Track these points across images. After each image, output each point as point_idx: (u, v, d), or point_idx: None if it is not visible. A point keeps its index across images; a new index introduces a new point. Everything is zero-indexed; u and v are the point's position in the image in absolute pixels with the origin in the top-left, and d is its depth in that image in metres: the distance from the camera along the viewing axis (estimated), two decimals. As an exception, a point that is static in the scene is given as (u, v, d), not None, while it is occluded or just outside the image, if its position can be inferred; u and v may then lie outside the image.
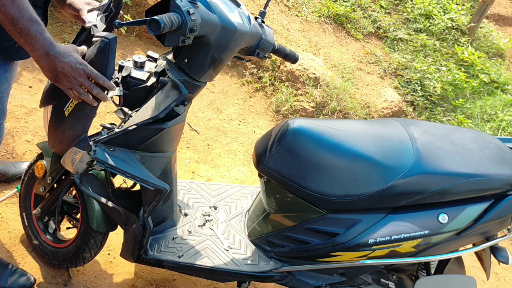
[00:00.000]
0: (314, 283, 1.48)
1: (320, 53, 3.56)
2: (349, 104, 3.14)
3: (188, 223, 1.63)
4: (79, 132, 1.24)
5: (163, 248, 1.51)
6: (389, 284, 1.54)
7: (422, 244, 1.32)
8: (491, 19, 5.05)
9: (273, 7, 3.71)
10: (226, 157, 2.61)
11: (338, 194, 1.30)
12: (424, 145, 1.32)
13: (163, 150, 1.34)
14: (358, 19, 4.03)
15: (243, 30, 1.21)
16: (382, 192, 1.27)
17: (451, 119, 3.46)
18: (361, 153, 1.31)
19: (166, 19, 0.95)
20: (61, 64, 1.05)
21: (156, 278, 1.80)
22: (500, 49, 4.38)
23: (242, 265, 1.49)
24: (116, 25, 1.01)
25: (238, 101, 3.07)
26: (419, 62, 3.81)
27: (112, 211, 1.39)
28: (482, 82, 3.83)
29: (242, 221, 1.68)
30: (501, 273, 2.44)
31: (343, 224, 1.34)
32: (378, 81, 3.59)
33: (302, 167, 1.32)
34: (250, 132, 2.88)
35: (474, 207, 1.32)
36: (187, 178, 2.38)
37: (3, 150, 2.09)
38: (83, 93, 1.12)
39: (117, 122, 1.43)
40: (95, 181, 1.40)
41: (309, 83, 3.14)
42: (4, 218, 1.83)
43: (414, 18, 4.31)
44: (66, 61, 1.05)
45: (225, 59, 1.24)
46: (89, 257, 1.58)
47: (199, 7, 1.07)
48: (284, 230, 1.45)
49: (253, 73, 3.26)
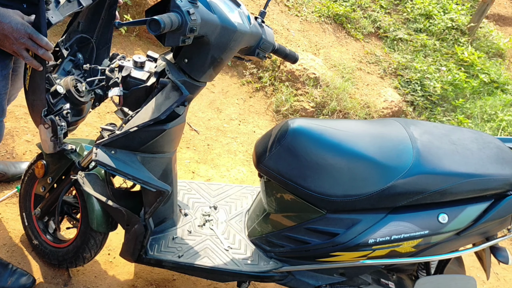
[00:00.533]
0: (314, 283, 1.48)
1: (320, 53, 3.55)
2: (349, 104, 3.14)
3: (188, 223, 1.63)
4: (39, 106, 1.25)
5: (163, 248, 1.51)
6: (389, 284, 1.54)
7: (422, 244, 1.32)
8: (491, 19, 5.06)
9: (273, 7, 3.71)
10: (226, 157, 2.61)
11: (338, 194, 1.30)
12: (424, 145, 1.32)
13: (163, 151, 1.34)
14: (358, 19, 4.03)
15: (243, 30, 1.21)
16: (382, 192, 1.27)
17: (451, 119, 3.46)
18: (361, 153, 1.31)
19: (166, 19, 0.95)
20: (0, 25, 1.02)
21: (156, 278, 1.80)
22: (500, 49, 4.38)
23: (242, 265, 1.49)
24: (116, 25, 1.01)
25: (238, 101, 3.07)
26: (419, 62, 3.81)
27: (114, 211, 1.39)
28: (482, 82, 3.83)
29: (242, 221, 1.68)
30: (501, 273, 2.44)
31: (343, 224, 1.34)
32: (378, 81, 3.59)
33: (302, 167, 1.32)
34: (250, 132, 2.88)
35: (474, 207, 1.32)
36: (187, 178, 2.38)
37: (3, 150, 2.09)
38: (26, 57, 1.10)
39: (117, 122, 1.43)
40: (97, 181, 1.40)
41: (309, 83, 3.14)
42: (4, 218, 1.83)
43: (414, 18, 4.31)
44: (6, 21, 1.03)
45: (225, 59, 1.24)
46: (89, 257, 1.58)
47: (199, 7, 1.07)
48: (284, 230, 1.45)
49: (253, 73, 3.26)
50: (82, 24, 1.40)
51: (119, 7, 2.97)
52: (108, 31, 1.45)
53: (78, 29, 1.40)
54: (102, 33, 1.45)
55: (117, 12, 1.41)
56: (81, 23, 1.40)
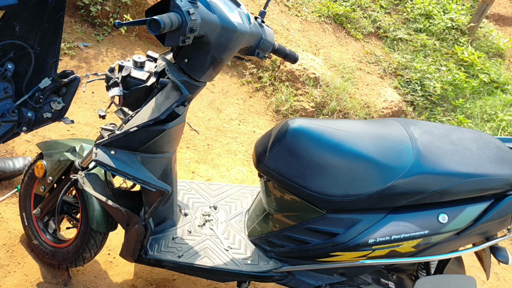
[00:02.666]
0: (314, 283, 1.48)
1: (320, 53, 3.55)
2: (349, 104, 3.14)
3: (188, 223, 1.63)
4: None
5: (163, 248, 1.51)
6: (389, 284, 1.54)
7: (422, 244, 1.32)
8: (491, 19, 5.05)
9: (273, 7, 3.71)
10: (226, 157, 2.61)
11: (338, 194, 1.30)
12: (424, 145, 1.32)
13: (163, 151, 1.34)
14: (358, 19, 4.03)
15: (243, 30, 1.21)
16: (382, 192, 1.27)
17: (451, 119, 3.46)
18: (361, 153, 1.31)
19: (166, 19, 0.95)
20: None
21: (156, 278, 1.80)
22: (500, 49, 4.38)
23: (242, 265, 1.50)
24: (116, 25, 1.01)
25: (238, 101, 3.07)
26: (419, 62, 3.81)
27: (114, 211, 1.39)
28: (482, 82, 3.83)
29: (242, 221, 1.68)
30: (501, 273, 2.44)
31: (343, 224, 1.34)
32: (378, 81, 3.59)
33: (302, 167, 1.32)
34: (250, 132, 2.88)
35: (474, 207, 1.32)
36: (187, 178, 2.38)
37: (3, 150, 2.09)
38: None
39: (117, 122, 1.43)
40: (97, 181, 1.40)
41: (309, 83, 3.14)
42: (4, 218, 1.83)
43: (414, 18, 4.31)
44: None
45: (225, 59, 1.24)
46: (89, 257, 1.58)
47: (199, 7, 1.07)
48: (284, 230, 1.45)
49: (253, 73, 3.26)
50: (18, 28, 1.15)
51: (118, 7, 2.98)
52: (55, 43, 1.22)
53: (13, 33, 1.16)
54: (48, 45, 1.21)
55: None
56: (17, 27, 1.15)
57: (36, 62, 1.19)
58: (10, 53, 1.16)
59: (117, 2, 2.98)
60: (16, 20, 1.12)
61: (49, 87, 1.21)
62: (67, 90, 1.26)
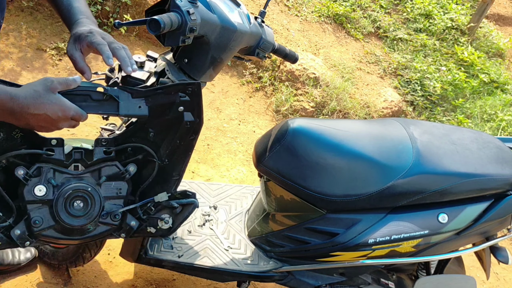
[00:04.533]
0: (314, 283, 1.48)
1: (320, 53, 3.55)
2: (349, 104, 3.14)
3: (188, 223, 1.63)
4: None
5: (163, 248, 1.51)
6: (389, 284, 1.54)
7: (422, 244, 1.32)
8: (491, 19, 5.05)
9: (273, 7, 3.71)
10: (226, 157, 2.61)
11: (338, 194, 1.30)
12: (424, 145, 1.32)
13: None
14: (358, 19, 4.03)
15: (243, 30, 1.21)
16: (382, 192, 1.27)
17: (451, 119, 3.46)
18: (361, 153, 1.31)
19: (166, 19, 0.95)
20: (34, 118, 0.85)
21: (156, 278, 1.80)
22: (500, 49, 4.38)
23: (242, 265, 1.49)
24: (116, 25, 1.00)
25: (238, 101, 3.07)
26: (419, 62, 3.81)
27: None
28: (482, 82, 3.83)
29: (242, 221, 1.68)
30: (501, 273, 2.44)
31: (343, 224, 1.34)
32: (378, 81, 3.59)
33: (302, 167, 1.32)
34: (250, 132, 2.88)
35: (474, 207, 1.32)
36: (187, 178, 2.38)
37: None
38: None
39: (117, 122, 1.42)
40: None
41: (309, 83, 3.14)
42: (4, 218, 1.83)
43: (414, 18, 4.31)
44: (41, 112, 0.85)
45: (225, 59, 1.24)
46: (89, 257, 1.58)
47: (199, 7, 1.07)
48: (284, 230, 1.45)
49: (253, 73, 3.26)
50: (152, 134, 1.09)
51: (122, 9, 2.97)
52: (183, 161, 1.14)
53: (147, 137, 1.09)
54: (176, 160, 1.13)
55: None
56: (151, 133, 1.08)
57: (158, 173, 1.13)
58: (138, 156, 1.10)
59: (117, 2, 2.98)
60: (151, 127, 1.08)
61: (163, 203, 1.14)
62: (181, 211, 1.17)
